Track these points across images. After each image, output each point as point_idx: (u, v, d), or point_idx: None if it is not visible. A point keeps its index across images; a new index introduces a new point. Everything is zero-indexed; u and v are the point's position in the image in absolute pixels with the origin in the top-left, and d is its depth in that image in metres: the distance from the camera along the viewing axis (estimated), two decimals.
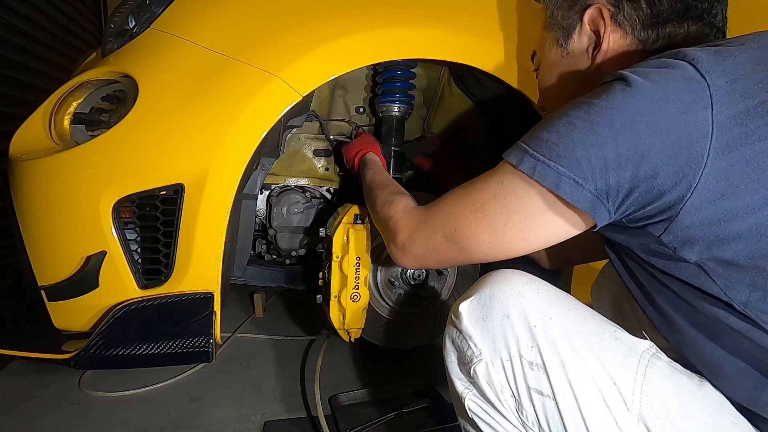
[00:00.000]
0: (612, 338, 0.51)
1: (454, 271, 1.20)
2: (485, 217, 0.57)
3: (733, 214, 0.44)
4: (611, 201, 0.49)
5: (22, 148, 0.94)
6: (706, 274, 0.47)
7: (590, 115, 0.48)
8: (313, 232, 1.33)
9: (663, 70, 0.47)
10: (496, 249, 0.58)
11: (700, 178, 0.44)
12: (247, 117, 0.88)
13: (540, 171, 0.50)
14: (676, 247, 0.48)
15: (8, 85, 1.77)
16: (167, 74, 0.89)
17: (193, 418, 1.04)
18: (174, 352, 0.91)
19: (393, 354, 1.27)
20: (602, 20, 0.62)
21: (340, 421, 1.00)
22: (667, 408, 0.47)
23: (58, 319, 0.95)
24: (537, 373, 0.50)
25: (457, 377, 0.58)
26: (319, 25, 0.91)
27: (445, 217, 0.62)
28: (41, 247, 0.93)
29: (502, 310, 0.53)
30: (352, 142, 1.19)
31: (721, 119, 0.44)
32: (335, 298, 1.04)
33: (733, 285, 0.46)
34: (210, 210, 0.89)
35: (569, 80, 0.69)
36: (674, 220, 0.46)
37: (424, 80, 1.32)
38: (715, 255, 0.46)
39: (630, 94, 0.47)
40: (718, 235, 0.45)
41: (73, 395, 1.13)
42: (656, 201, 0.47)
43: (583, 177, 0.48)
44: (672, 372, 0.50)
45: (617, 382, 0.48)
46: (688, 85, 0.45)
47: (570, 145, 0.49)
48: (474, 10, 0.99)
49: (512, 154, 0.54)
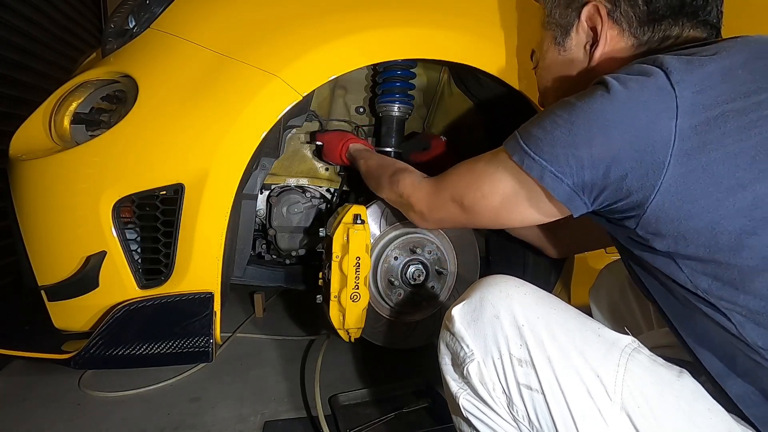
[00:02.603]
0: (595, 335, 0.54)
1: (453, 272, 1.20)
2: (484, 197, 0.66)
3: (691, 214, 0.49)
4: (586, 195, 0.54)
5: (22, 148, 0.94)
6: (676, 264, 0.52)
7: (571, 116, 0.54)
8: (313, 232, 1.33)
9: (641, 78, 0.51)
10: (495, 220, 0.67)
11: (662, 182, 0.49)
12: (247, 117, 0.88)
13: (528, 163, 0.57)
14: (648, 239, 0.53)
15: (8, 85, 1.77)
16: (167, 74, 0.89)
17: (193, 418, 1.04)
18: (174, 352, 0.91)
19: (393, 354, 1.27)
20: (599, 17, 0.64)
21: (340, 421, 1.00)
22: (647, 397, 0.50)
23: (58, 319, 0.95)
24: (525, 369, 0.53)
25: (451, 378, 0.60)
26: (319, 25, 0.92)
27: (451, 188, 0.72)
28: (41, 247, 0.93)
29: (492, 311, 0.56)
30: (328, 144, 1.20)
31: (683, 129, 0.48)
32: (335, 298, 1.04)
33: (696, 275, 0.51)
34: (210, 210, 0.89)
35: (567, 77, 0.71)
36: (642, 217, 0.52)
37: (424, 80, 1.32)
38: (680, 248, 0.51)
39: (608, 100, 0.51)
40: (680, 231, 0.50)
41: (73, 395, 1.13)
42: (625, 199, 0.52)
43: (561, 172, 0.54)
44: (652, 364, 0.53)
45: (600, 374, 0.51)
46: (659, 94, 0.49)
47: (552, 142, 0.54)
48: (474, 10, 1.00)
49: (509, 143, 0.61)
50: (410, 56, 0.96)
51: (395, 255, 1.13)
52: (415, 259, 1.14)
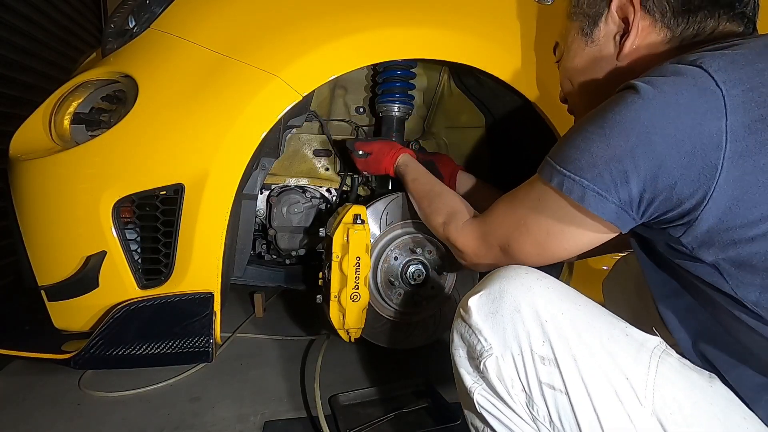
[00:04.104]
0: (623, 334, 0.52)
1: (453, 272, 1.20)
2: (529, 233, 0.62)
3: (748, 221, 0.45)
4: (634, 209, 0.50)
5: (22, 148, 0.94)
6: (720, 274, 0.48)
7: (605, 129, 0.50)
8: (313, 232, 1.33)
9: (676, 79, 0.47)
10: (543, 257, 0.63)
11: (715, 186, 0.45)
12: (247, 117, 0.88)
13: (567, 186, 0.53)
14: (694, 248, 0.49)
15: (8, 85, 1.77)
16: (167, 74, 0.89)
17: (193, 418, 1.04)
18: (174, 352, 0.91)
19: (393, 354, 1.27)
20: (631, 6, 0.61)
21: (340, 421, 1.00)
22: (680, 403, 0.47)
23: (58, 319, 0.95)
24: (549, 367, 0.50)
25: (466, 371, 0.58)
26: (319, 25, 0.92)
27: (496, 233, 0.68)
28: (41, 247, 0.93)
29: (513, 305, 0.53)
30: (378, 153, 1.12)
31: (735, 128, 0.44)
32: (335, 298, 1.04)
33: (744, 285, 0.47)
34: (210, 210, 0.89)
35: (594, 72, 0.68)
36: (693, 225, 0.48)
37: (424, 80, 1.32)
38: (729, 256, 0.47)
39: (642, 106, 0.48)
40: (733, 238, 0.46)
41: (73, 395, 1.13)
42: (676, 208, 0.48)
43: (606, 189, 0.50)
44: (682, 368, 0.51)
45: (629, 377, 0.48)
46: (702, 95, 0.45)
47: (591, 159, 0.51)
48: (474, 10, 0.99)
49: (543, 170, 0.57)
50: (410, 56, 0.96)
51: (395, 255, 1.13)
52: (415, 259, 1.14)
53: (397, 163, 1.09)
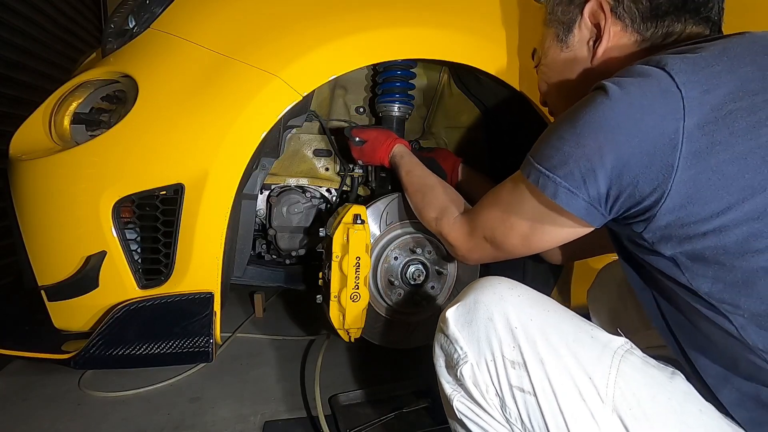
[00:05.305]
0: (588, 336, 0.54)
1: (453, 272, 1.20)
2: (513, 227, 0.65)
3: (700, 217, 0.48)
4: (603, 205, 0.53)
5: (22, 148, 0.94)
6: (677, 267, 0.51)
7: (576, 129, 0.53)
8: (313, 232, 1.33)
9: (642, 80, 0.50)
10: (530, 249, 0.66)
11: (672, 185, 0.48)
12: (247, 117, 0.88)
13: (542, 182, 0.55)
14: (654, 242, 0.52)
15: (8, 85, 1.77)
16: (167, 74, 0.89)
17: (193, 418, 1.04)
18: (174, 352, 0.91)
19: (393, 354, 1.27)
20: (603, 13, 0.64)
21: (340, 421, 1.00)
22: (639, 398, 0.50)
23: (58, 319, 0.95)
24: (518, 371, 0.53)
25: (445, 380, 0.61)
26: (319, 25, 0.91)
27: (484, 228, 0.72)
28: (41, 247, 0.93)
29: (486, 313, 0.56)
30: (373, 142, 1.12)
31: (691, 130, 0.47)
32: (335, 298, 1.04)
33: (698, 277, 0.50)
34: (210, 210, 0.89)
35: (569, 75, 0.71)
36: (652, 221, 0.50)
37: (424, 80, 1.32)
38: (686, 250, 0.50)
39: (608, 107, 0.50)
40: (688, 234, 0.49)
41: (73, 395, 1.13)
42: (638, 205, 0.51)
43: (576, 186, 0.53)
44: (644, 366, 0.53)
45: (592, 376, 0.51)
46: (664, 96, 0.48)
47: (563, 157, 0.53)
48: (474, 10, 0.99)
49: (524, 166, 0.60)
50: (410, 56, 0.96)
51: (395, 255, 1.13)
52: (415, 259, 1.14)
53: (392, 153, 1.09)
